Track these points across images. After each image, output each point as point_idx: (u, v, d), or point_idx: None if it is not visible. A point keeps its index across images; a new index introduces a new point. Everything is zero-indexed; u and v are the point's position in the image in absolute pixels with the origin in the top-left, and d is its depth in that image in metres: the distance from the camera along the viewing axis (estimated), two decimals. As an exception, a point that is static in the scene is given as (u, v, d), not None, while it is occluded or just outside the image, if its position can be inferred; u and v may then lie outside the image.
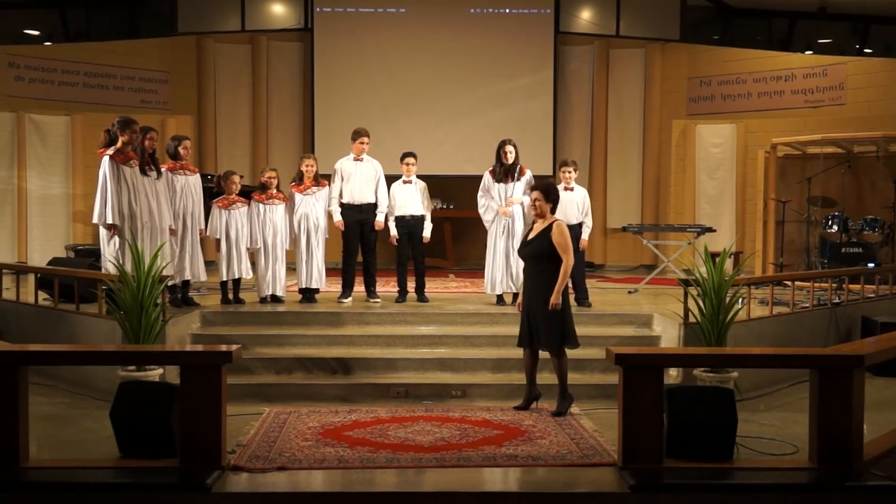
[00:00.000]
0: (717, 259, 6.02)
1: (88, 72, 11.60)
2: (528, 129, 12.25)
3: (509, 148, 7.48)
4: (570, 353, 5.71)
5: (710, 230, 9.29)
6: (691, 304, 6.09)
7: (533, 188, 5.85)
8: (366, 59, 12.53)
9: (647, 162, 12.66)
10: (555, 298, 5.49)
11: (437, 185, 12.05)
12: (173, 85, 12.24)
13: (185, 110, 12.14)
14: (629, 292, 9.00)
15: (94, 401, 6.00)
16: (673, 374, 6.37)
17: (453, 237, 12.32)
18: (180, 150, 7.27)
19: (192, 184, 7.29)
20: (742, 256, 10.01)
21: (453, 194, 12.17)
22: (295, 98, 12.74)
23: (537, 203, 5.68)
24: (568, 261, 5.53)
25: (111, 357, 5.18)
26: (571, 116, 12.81)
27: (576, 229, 7.52)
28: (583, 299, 7.59)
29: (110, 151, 6.56)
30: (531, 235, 5.69)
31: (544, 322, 5.55)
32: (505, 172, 7.50)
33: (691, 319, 6.18)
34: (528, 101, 12.55)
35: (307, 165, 7.68)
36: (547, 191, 5.72)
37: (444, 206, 12.11)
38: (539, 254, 5.59)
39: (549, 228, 5.62)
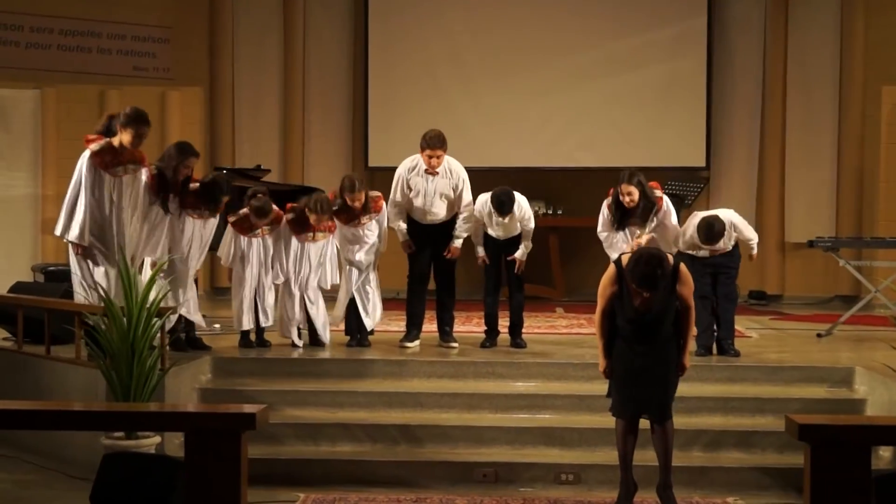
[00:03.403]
0: (950, 288, 5.93)
1: (65, 29, 11.97)
2: (672, 102, 12.17)
3: (629, 189, 7.29)
4: (732, 422, 5.65)
5: (940, 246, 9.11)
6: (911, 353, 6.01)
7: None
8: (441, 9, 12.65)
9: (844, 148, 12.39)
10: (687, 361, 5.75)
11: (538, 182, 12.03)
12: (177, 46, 12.52)
13: (193, 80, 12.37)
14: (819, 335, 8.88)
15: (68, 479, 6.17)
16: (885, 456, 6.29)
17: (562, 255, 12.26)
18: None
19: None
20: None
21: (561, 195, 12.16)
22: (342, 64, 12.85)
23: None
24: (693, 308, 5.73)
25: (92, 419, 5.29)
26: (734, 82, 12.64)
27: (735, 252, 7.63)
28: (729, 346, 7.51)
29: (95, 146, 6.70)
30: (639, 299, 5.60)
31: (663, 380, 5.66)
32: (624, 217, 7.47)
33: (911, 376, 6.08)
34: (671, 60, 12.45)
35: (355, 201, 7.56)
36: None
37: (549, 212, 12.10)
38: (664, 318, 5.61)
39: (672, 277, 5.60)
